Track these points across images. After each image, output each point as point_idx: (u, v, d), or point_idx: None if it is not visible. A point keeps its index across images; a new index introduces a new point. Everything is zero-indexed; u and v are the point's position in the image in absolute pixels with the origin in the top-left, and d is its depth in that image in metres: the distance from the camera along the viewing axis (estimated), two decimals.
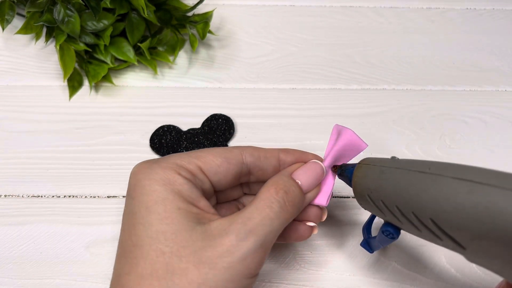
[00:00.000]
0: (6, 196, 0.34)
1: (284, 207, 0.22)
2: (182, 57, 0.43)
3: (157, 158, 0.24)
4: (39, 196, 0.34)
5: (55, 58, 0.42)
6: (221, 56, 0.43)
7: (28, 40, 0.43)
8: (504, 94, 0.41)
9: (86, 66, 0.39)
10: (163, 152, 0.36)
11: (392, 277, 0.30)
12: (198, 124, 0.38)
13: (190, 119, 0.38)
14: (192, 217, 0.21)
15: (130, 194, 0.22)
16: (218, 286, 0.19)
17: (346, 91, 0.41)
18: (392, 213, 0.22)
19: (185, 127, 0.37)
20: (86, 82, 0.40)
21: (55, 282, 0.30)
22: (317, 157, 0.26)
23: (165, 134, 0.37)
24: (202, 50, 0.44)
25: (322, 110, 0.39)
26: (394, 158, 0.24)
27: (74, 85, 0.39)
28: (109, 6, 0.36)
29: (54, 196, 0.34)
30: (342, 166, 0.26)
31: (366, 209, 0.25)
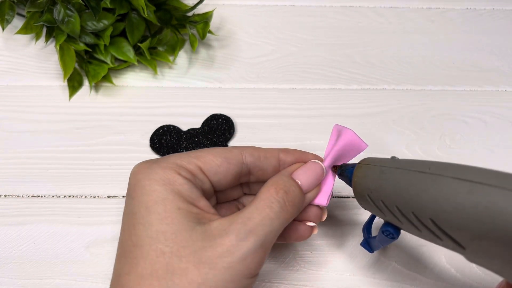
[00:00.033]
0: (6, 196, 0.34)
1: (284, 207, 0.22)
2: (182, 57, 0.43)
3: (157, 158, 0.24)
4: (39, 196, 0.34)
5: (55, 58, 0.42)
6: (221, 56, 0.43)
7: (28, 40, 0.43)
8: (504, 94, 0.41)
9: (86, 66, 0.39)
10: (163, 152, 0.36)
11: (392, 277, 0.30)
12: (198, 124, 0.38)
13: (190, 119, 0.38)
14: (192, 217, 0.21)
15: (130, 194, 0.22)
16: (218, 286, 0.19)
17: (346, 91, 0.41)
18: (392, 213, 0.22)
19: (185, 127, 0.37)
20: (86, 82, 0.40)
21: (55, 282, 0.30)
22: (317, 157, 0.26)
23: (165, 134, 0.37)
24: (202, 50, 0.44)
25: (322, 110, 0.39)
26: (394, 158, 0.24)
27: (74, 85, 0.39)
28: (109, 6, 0.36)
29: (54, 196, 0.34)
30: (342, 166, 0.26)
31: (366, 209, 0.25)
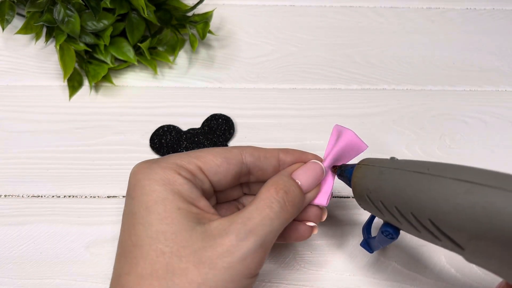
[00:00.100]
0: (6, 196, 0.34)
1: (284, 207, 0.22)
2: (182, 57, 0.43)
3: (157, 158, 0.24)
4: (39, 196, 0.34)
5: (55, 58, 0.42)
6: (221, 56, 0.43)
7: (28, 40, 0.43)
8: (504, 94, 0.41)
9: (86, 66, 0.39)
10: (163, 152, 0.36)
11: (392, 277, 0.30)
12: (198, 124, 0.38)
13: (190, 119, 0.38)
14: (192, 217, 0.21)
15: (130, 194, 0.22)
16: (218, 286, 0.19)
17: (346, 91, 0.41)
18: (391, 213, 0.22)
19: (185, 127, 0.37)
20: (86, 82, 0.40)
21: (55, 282, 0.30)
22: (316, 157, 0.26)
23: (165, 134, 0.37)
24: (202, 50, 0.44)
25: (322, 110, 0.39)
26: (393, 159, 0.24)
27: (74, 85, 0.39)
28: (109, 6, 0.36)
29: (54, 196, 0.34)
30: (341, 167, 0.26)
31: (365, 209, 0.25)
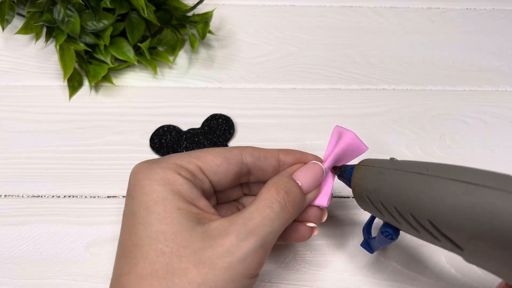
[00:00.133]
0: (6, 196, 0.34)
1: (284, 208, 0.22)
2: (182, 57, 0.43)
3: (157, 158, 0.24)
4: (39, 196, 0.34)
5: (55, 58, 0.42)
6: (221, 56, 0.43)
7: (28, 40, 0.43)
8: (504, 94, 0.41)
9: (86, 66, 0.39)
10: (163, 152, 0.36)
11: (392, 277, 0.30)
12: (198, 124, 0.38)
13: (190, 119, 0.38)
14: (192, 217, 0.21)
15: (130, 194, 0.22)
16: (218, 286, 0.19)
17: (346, 91, 0.41)
18: (390, 214, 0.22)
19: (185, 127, 0.37)
20: (86, 82, 0.40)
21: (55, 282, 0.30)
22: (317, 158, 0.26)
23: (165, 134, 0.37)
24: (202, 50, 0.44)
25: (322, 110, 0.39)
26: (392, 160, 0.24)
27: (74, 85, 0.39)
28: (109, 6, 0.36)
29: (54, 196, 0.34)
30: (341, 167, 0.26)
31: (365, 210, 0.25)
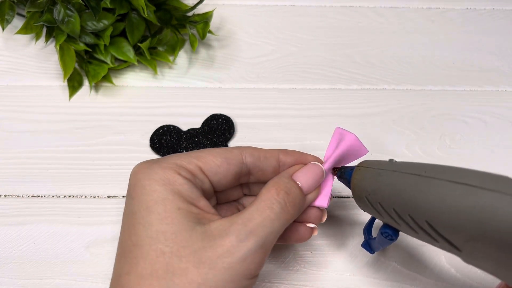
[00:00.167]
0: (6, 196, 0.34)
1: (285, 208, 0.22)
2: (182, 57, 0.43)
3: (157, 158, 0.24)
4: (39, 196, 0.34)
5: (55, 58, 0.42)
6: (221, 56, 0.43)
7: (28, 40, 0.43)
8: (504, 94, 0.41)
9: (86, 66, 0.39)
10: (163, 152, 0.36)
11: (392, 277, 0.30)
12: (198, 124, 0.38)
13: (190, 119, 0.38)
14: (192, 217, 0.21)
15: (130, 194, 0.22)
16: (218, 286, 0.19)
17: (346, 91, 0.41)
18: (389, 215, 0.22)
19: (185, 127, 0.37)
20: (86, 82, 0.40)
21: (55, 282, 0.30)
22: (317, 159, 0.26)
23: (165, 134, 0.37)
24: (202, 50, 0.44)
25: (322, 110, 0.39)
26: (391, 161, 0.24)
27: (74, 85, 0.39)
28: (109, 6, 0.36)
29: (54, 196, 0.34)
30: (341, 169, 0.26)
31: (365, 211, 0.25)
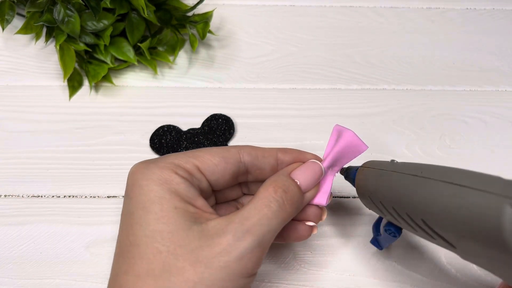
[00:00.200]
0: (6, 196, 0.34)
1: (282, 206, 0.22)
2: (182, 57, 0.43)
3: (155, 158, 0.24)
4: (39, 196, 0.34)
5: (55, 58, 0.42)
6: (221, 56, 0.43)
7: (28, 40, 0.43)
8: (504, 94, 0.41)
9: (86, 66, 0.39)
10: (163, 152, 0.36)
11: (392, 277, 0.30)
12: (198, 124, 0.38)
13: (190, 119, 0.38)
14: (189, 216, 0.21)
15: (127, 194, 0.22)
16: (215, 285, 0.19)
17: (346, 91, 0.41)
18: (390, 213, 0.23)
19: (185, 127, 0.37)
20: (86, 82, 0.40)
21: (55, 282, 0.30)
22: (315, 156, 0.26)
23: (165, 134, 0.37)
24: (202, 50, 0.44)
25: (322, 110, 0.39)
26: (393, 162, 0.24)
27: (74, 85, 0.39)
28: (109, 6, 0.36)
29: (54, 196, 0.34)
30: (347, 169, 0.27)
31: (369, 209, 0.26)
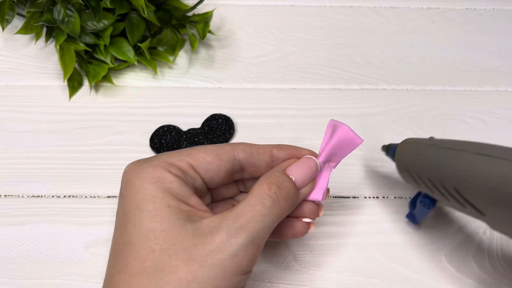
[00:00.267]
0: (6, 196, 0.34)
1: (277, 203, 0.22)
2: (182, 57, 0.43)
3: (149, 157, 0.24)
4: (39, 196, 0.34)
5: (55, 58, 0.42)
6: (221, 56, 0.43)
7: (28, 40, 0.43)
8: (504, 94, 0.41)
9: (86, 66, 0.39)
10: (163, 152, 0.36)
11: (392, 277, 0.30)
12: (198, 124, 0.38)
13: (190, 119, 0.38)
14: (182, 214, 0.21)
15: (122, 193, 0.22)
16: (209, 283, 0.19)
17: (346, 91, 0.41)
18: (425, 184, 0.26)
19: (185, 127, 0.37)
20: (86, 82, 0.40)
21: (55, 282, 0.30)
22: (311, 152, 0.26)
23: (165, 134, 0.37)
24: (202, 50, 0.44)
25: (322, 110, 0.39)
26: (431, 138, 0.28)
27: (74, 85, 0.39)
28: (109, 6, 0.36)
29: (54, 196, 0.34)
30: (388, 146, 0.31)
31: (407, 182, 0.29)
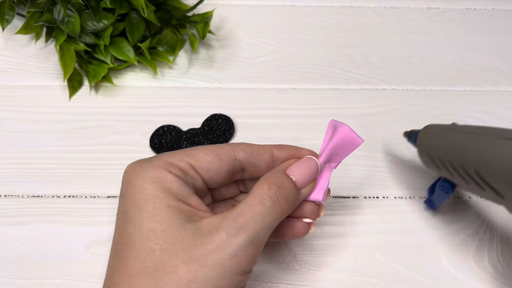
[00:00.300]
0: (6, 196, 0.34)
1: (277, 203, 0.22)
2: (182, 57, 0.43)
3: (149, 157, 0.24)
4: (39, 196, 0.34)
5: (55, 58, 0.42)
6: (221, 56, 0.43)
7: (28, 40, 0.43)
8: (504, 94, 0.41)
9: (86, 66, 0.39)
10: (163, 152, 0.36)
11: (392, 277, 0.30)
12: (198, 124, 0.38)
13: (190, 119, 0.38)
14: (182, 214, 0.21)
15: (122, 193, 0.22)
16: (209, 283, 0.19)
17: (346, 91, 0.41)
18: (446, 168, 0.27)
19: (185, 127, 0.37)
20: (86, 82, 0.40)
21: (55, 282, 0.30)
22: (311, 152, 0.26)
23: (165, 134, 0.37)
24: (202, 50, 0.44)
25: (322, 110, 0.39)
26: (454, 124, 0.28)
27: (74, 85, 0.39)
28: (109, 6, 0.36)
29: (54, 196, 0.34)
30: (410, 132, 0.32)
31: (428, 167, 0.30)
